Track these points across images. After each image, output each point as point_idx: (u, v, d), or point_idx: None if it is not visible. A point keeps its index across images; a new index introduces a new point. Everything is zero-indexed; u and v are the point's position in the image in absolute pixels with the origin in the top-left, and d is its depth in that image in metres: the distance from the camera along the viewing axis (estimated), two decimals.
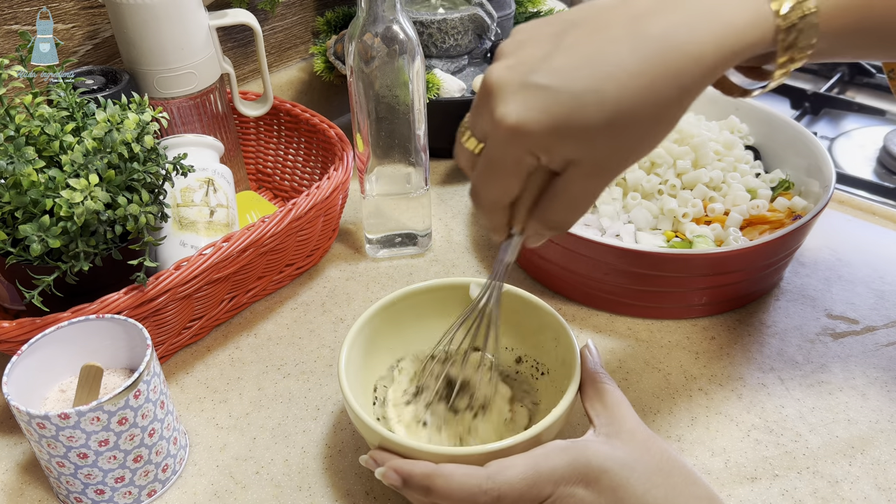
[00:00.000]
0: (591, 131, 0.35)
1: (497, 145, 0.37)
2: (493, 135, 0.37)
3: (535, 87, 0.35)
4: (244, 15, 0.70)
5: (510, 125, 0.35)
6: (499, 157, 0.38)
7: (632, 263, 0.60)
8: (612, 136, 0.35)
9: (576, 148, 0.36)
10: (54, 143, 0.53)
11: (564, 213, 0.39)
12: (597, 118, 0.35)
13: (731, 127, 0.75)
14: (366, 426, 0.45)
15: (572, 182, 0.37)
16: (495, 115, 0.36)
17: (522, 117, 0.35)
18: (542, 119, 0.35)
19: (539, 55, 0.36)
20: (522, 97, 0.35)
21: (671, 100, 0.35)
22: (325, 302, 0.68)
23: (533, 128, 0.35)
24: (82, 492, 0.49)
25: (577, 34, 0.36)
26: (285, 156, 0.81)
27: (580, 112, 0.35)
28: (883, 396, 0.57)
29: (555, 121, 0.35)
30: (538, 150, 0.36)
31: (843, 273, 0.69)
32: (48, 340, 0.50)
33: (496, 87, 0.36)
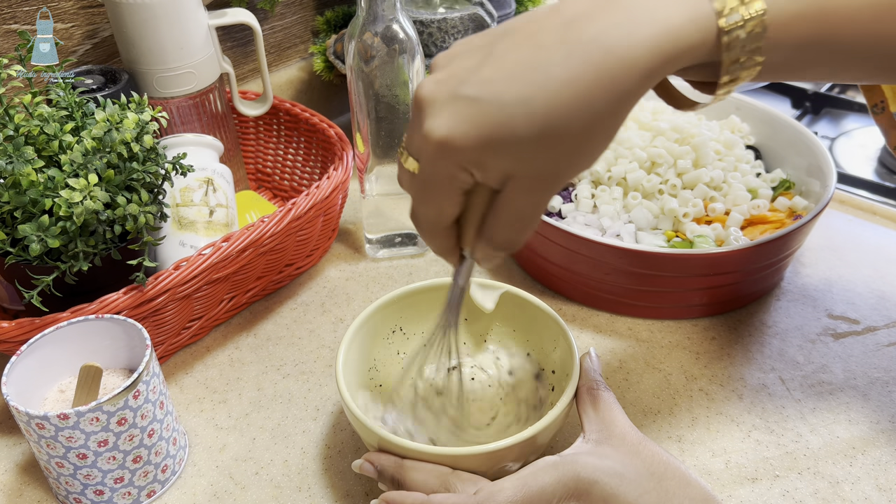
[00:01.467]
0: (523, 144, 0.33)
1: (428, 161, 0.36)
2: (424, 150, 0.35)
3: (463, 99, 0.34)
4: (244, 14, 0.70)
5: (437, 140, 0.34)
6: (431, 175, 0.36)
7: (632, 263, 0.60)
8: (545, 149, 0.34)
9: (508, 162, 0.34)
10: (53, 143, 0.53)
11: (509, 231, 0.38)
12: (527, 131, 0.33)
13: (731, 126, 0.75)
14: (364, 427, 0.45)
15: (511, 198, 0.36)
16: (424, 130, 0.35)
17: (450, 131, 0.34)
18: (470, 132, 0.33)
19: (469, 66, 0.35)
20: (450, 111, 0.34)
21: (605, 108, 0.33)
22: (325, 302, 0.68)
23: (461, 142, 0.34)
24: (81, 492, 0.49)
25: (507, 43, 0.34)
26: (285, 155, 0.81)
27: (509, 125, 0.33)
28: (884, 397, 0.57)
29: (483, 134, 0.33)
30: (469, 166, 0.35)
31: (844, 273, 0.69)
32: (47, 340, 0.50)
33: (425, 102, 0.35)
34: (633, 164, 0.69)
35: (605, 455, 0.43)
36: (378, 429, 0.45)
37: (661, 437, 0.54)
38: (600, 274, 0.62)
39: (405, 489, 0.43)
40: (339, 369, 0.49)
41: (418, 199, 0.38)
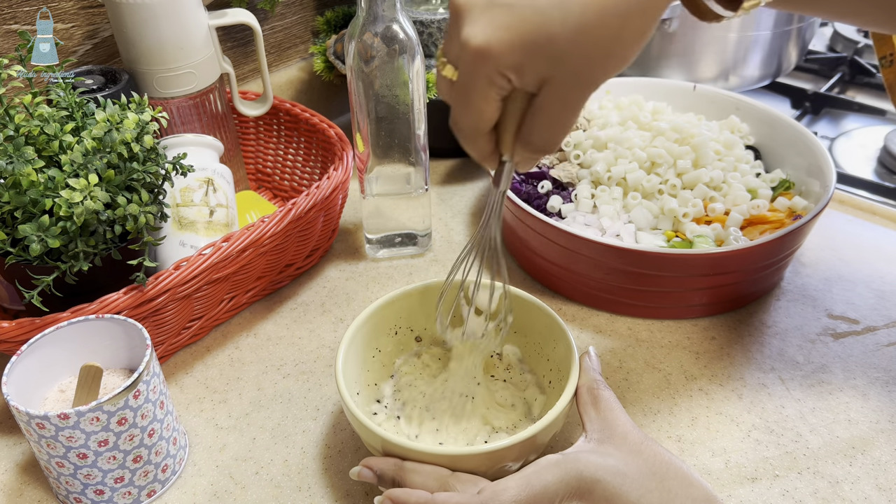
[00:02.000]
0: (559, 45, 0.34)
1: (466, 68, 0.37)
2: (462, 58, 0.36)
3: (499, 5, 0.35)
4: (244, 14, 0.70)
5: (476, 46, 0.35)
6: (470, 81, 0.37)
7: (632, 263, 0.60)
8: (581, 49, 0.34)
9: (545, 64, 0.35)
10: (54, 143, 0.53)
11: (546, 132, 0.38)
12: (562, 31, 0.34)
13: (731, 126, 0.75)
14: (365, 428, 0.45)
15: (549, 100, 0.37)
16: (461, 38, 0.36)
17: (487, 37, 0.35)
18: (507, 37, 0.34)
19: None
20: (487, 17, 0.35)
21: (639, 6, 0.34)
22: (325, 302, 0.68)
23: (498, 48, 0.35)
24: (82, 492, 0.49)
25: None
26: (285, 155, 0.81)
27: (545, 27, 0.34)
28: (883, 396, 0.57)
29: (520, 38, 0.34)
30: (507, 70, 0.36)
31: (844, 273, 0.69)
32: (48, 340, 0.50)
33: (462, 9, 0.36)
34: (632, 164, 0.69)
35: (607, 454, 0.43)
36: (378, 429, 0.45)
37: (661, 437, 0.54)
38: (600, 274, 0.62)
39: None
40: (339, 369, 0.49)
41: (458, 106, 0.39)
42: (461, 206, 0.80)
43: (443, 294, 0.51)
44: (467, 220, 0.78)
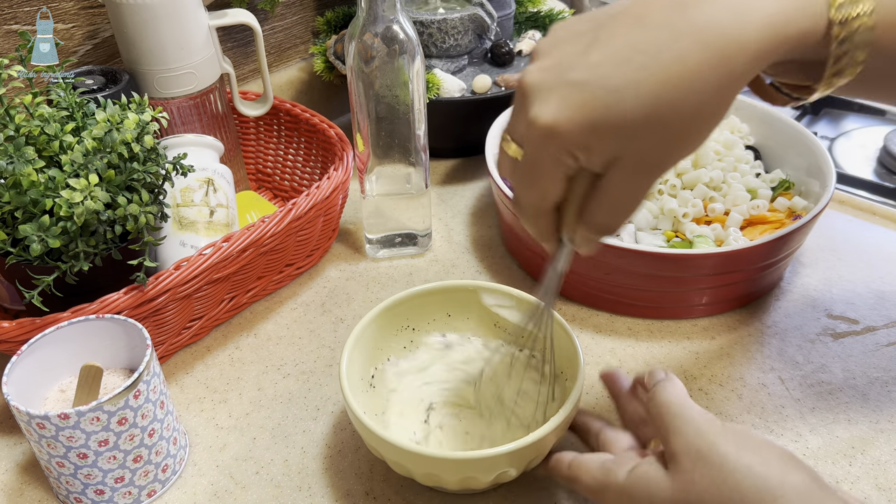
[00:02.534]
0: (630, 126, 0.33)
1: (533, 146, 0.36)
2: (529, 136, 0.36)
3: (570, 84, 0.34)
4: (244, 15, 0.70)
5: (544, 124, 0.34)
6: (536, 159, 0.36)
7: (632, 263, 0.60)
8: (652, 132, 0.34)
9: (615, 145, 0.34)
10: (54, 143, 0.53)
11: (609, 215, 0.38)
12: (635, 113, 0.33)
13: (731, 127, 0.75)
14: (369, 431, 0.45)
15: (614, 182, 0.36)
16: (529, 116, 0.35)
17: (557, 115, 0.34)
18: (576, 116, 0.34)
19: (575, 52, 0.35)
20: (557, 96, 0.34)
21: (715, 90, 0.33)
22: (325, 302, 0.68)
23: (568, 126, 0.34)
24: (82, 492, 0.49)
25: (613, 27, 0.35)
26: (285, 156, 0.81)
27: (617, 108, 0.33)
28: (883, 396, 0.57)
29: (590, 117, 0.33)
30: (575, 149, 0.35)
31: (844, 273, 0.69)
32: (48, 340, 0.50)
33: (531, 89, 0.35)
34: None
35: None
36: (382, 432, 0.45)
37: None
38: (600, 274, 0.62)
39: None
40: (343, 373, 0.49)
41: (522, 184, 0.38)
42: (461, 206, 0.80)
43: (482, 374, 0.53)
44: (467, 220, 0.78)
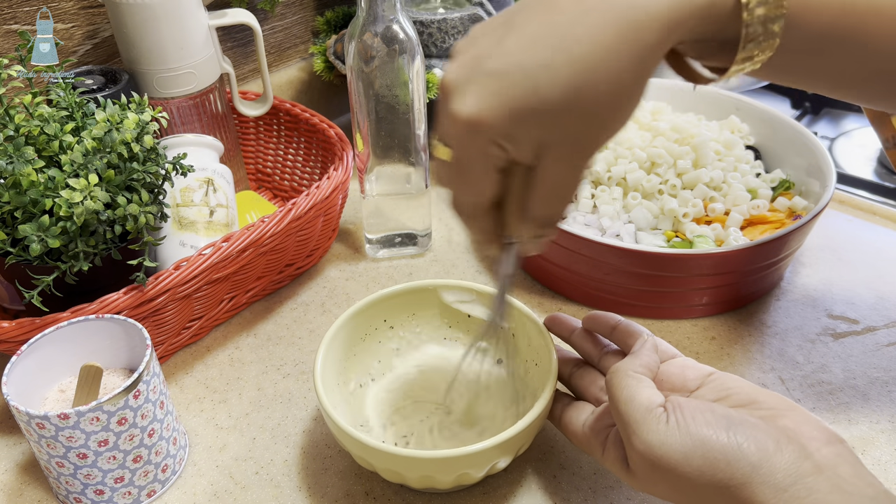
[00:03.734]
0: (551, 110, 0.33)
1: (459, 142, 0.35)
2: (454, 132, 0.35)
3: (486, 74, 0.34)
4: (244, 15, 0.70)
5: (465, 118, 0.34)
6: (464, 155, 0.36)
7: (632, 263, 0.60)
8: (574, 112, 0.33)
9: (539, 130, 0.34)
10: (54, 143, 0.53)
11: (548, 203, 0.37)
12: (553, 94, 0.33)
13: (731, 127, 0.75)
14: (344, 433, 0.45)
15: (547, 169, 0.36)
16: (451, 113, 0.34)
17: (477, 106, 0.33)
18: (496, 105, 0.33)
19: (490, 43, 0.34)
20: (475, 87, 0.34)
21: (630, 64, 0.33)
22: (325, 302, 0.68)
23: (489, 116, 0.33)
24: (82, 492, 0.49)
25: (525, 14, 0.34)
26: (285, 156, 0.81)
27: (535, 92, 0.33)
28: (883, 396, 0.57)
29: (510, 104, 0.33)
30: (501, 139, 0.34)
31: (844, 273, 0.69)
32: (48, 340, 0.50)
33: (450, 85, 0.35)
34: (632, 164, 0.69)
35: None
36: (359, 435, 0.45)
37: None
38: (600, 274, 0.62)
39: None
40: (318, 377, 0.49)
41: (455, 184, 0.38)
42: None
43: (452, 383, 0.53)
44: None
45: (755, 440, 0.37)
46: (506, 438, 0.44)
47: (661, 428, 0.38)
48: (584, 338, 0.51)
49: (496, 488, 0.51)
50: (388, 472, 0.46)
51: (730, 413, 0.39)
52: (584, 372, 0.50)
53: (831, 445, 0.37)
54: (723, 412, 0.39)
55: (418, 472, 0.45)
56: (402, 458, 0.44)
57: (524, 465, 0.52)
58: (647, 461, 0.38)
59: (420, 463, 0.44)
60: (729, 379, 0.43)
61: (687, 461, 0.37)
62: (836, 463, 0.36)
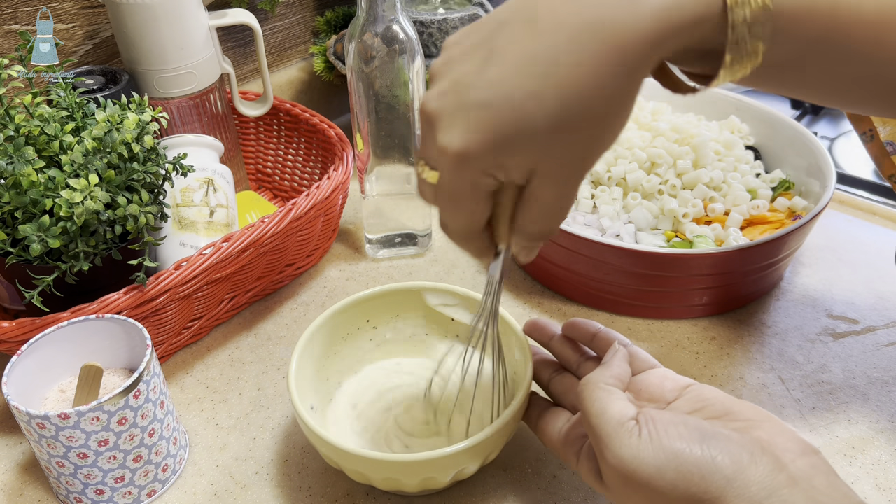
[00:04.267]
0: (540, 138, 0.33)
1: (449, 174, 0.35)
2: (443, 164, 0.35)
3: (472, 106, 0.33)
4: (244, 15, 0.70)
5: (455, 152, 0.33)
6: (454, 186, 0.35)
7: (632, 263, 0.60)
8: (563, 138, 0.33)
9: (529, 158, 0.34)
10: (54, 143, 0.53)
11: (541, 222, 0.37)
12: (543, 123, 0.32)
13: (731, 127, 0.75)
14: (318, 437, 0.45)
15: (539, 191, 0.35)
16: (439, 145, 0.34)
17: (466, 141, 0.33)
18: (486, 138, 0.33)
19: (471, 70, 0.34)
20: (462, 120, 0.33)
21: (617, 83, 0.33)
22: (325, 302, 0.68)
23: (478, 149, 0.33)
24: (82, 492, 0.49)
25: (507, 36, 0.34)
26: (285, 156, 0.81)
27: (524, 122, 0.32)
28: (883, 396, 0.57)
29: (499, 136, 0.33)
30: (492, 170, 0.34)
31: (844, 273, 0.69)
32: (48, 340, 0.50)
33: (433, 116, 0.34)
34: (632, 164, 0.69)
35: None
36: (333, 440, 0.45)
37: None
38: (600, 274, 0.62)
39: None
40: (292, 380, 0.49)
41: (446, 210, 0.38)
42: None
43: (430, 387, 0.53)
44: None
45: (729, 453, 0.36)
46: (471, 445, 0.43)
47: (633, 442, 0.38)
48: (563, 344, 0.51)
49: (496, 488, 0.51)
50: (354, 472, 0.46)
51: (703, 426, 0.38)
52: (562, 378, 0.50)
53: (806, 457, 0.37)
54: (696, 424, 0.38)
55: (382, 474, 0.45)
56: (365, 459, 0.44)
57: (524, 465, 0.52)
58: (620, 475, 0.38)
59: (383, 465, 0.44)
60: (706, 390, 0.43)
61: (660, 475, 0.36)
62: (811, 475, 0.36)
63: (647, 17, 0.32)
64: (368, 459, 0.44)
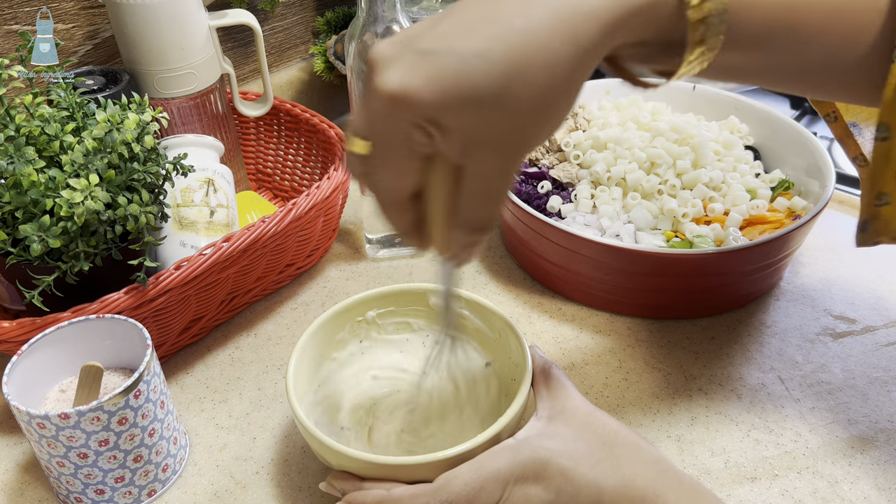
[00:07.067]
0: (481, 100, 0.32)
1: (380, 120, 0.33)
2: (375, 109, 0.33)
3: (417, 52, 0.32)
4: (244, 15, 0.70)
5: (390, 92, 0.32)
6: (384, 133, 0.33)
7: (632, 263, 0.60)
8: (505, 106, 0.32)
9: (467, 120, 0.32)
10: (54, 143, 0.53)
11: (479, 204, 0.36)
12: (485, 83, 0.31)
13: (730, 127, 0.75)
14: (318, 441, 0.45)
15: (476, 165, 0.34)
16: (375, 87, 0.32)
17: (403, 82, 0.32)
18: (424, 85, 0.31)
19: (424, 27, 0.33)
20: (403, 63, 0.32)
21: (566, 62, 0.32)
22: (325, 302, 0.68)
23: (415, 94, 0.31)
24: (82, 492, 0.49)
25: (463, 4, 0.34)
26: (285, 156, 0.81)
27: (467, 76, 0.31)
28: (883, 396, 0.57)
29: (439, 87, 0.31)
30: (425, 122, 0.32)
31: (843, 273, 0.69)
32: (48, 340, 0.50)
33: (377, 60, 0.33)
34: (632, 164, 0.69)
35: (556, 433, 0.44)
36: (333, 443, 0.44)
37: (661, 437, 0.54)
38: (600, 274, 0.63)
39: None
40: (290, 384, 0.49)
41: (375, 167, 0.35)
42: None
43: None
44: None
45: None
46: (469, 448, 0.43)
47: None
48: None
49: None
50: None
51: None
52: None
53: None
54: None
55: (373, 474, 0.45)
56: (362, 462, 0.44)
57: None
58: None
59: (380, 468, 0.44)
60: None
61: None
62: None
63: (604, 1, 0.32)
64: (364, 462, 0.44)
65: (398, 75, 0.32)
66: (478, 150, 0.33)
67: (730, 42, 0.36)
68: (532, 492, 0.42)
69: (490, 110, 0.32)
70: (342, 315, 0.55)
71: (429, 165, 0.35)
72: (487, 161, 0.34)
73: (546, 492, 0.42)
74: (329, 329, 0.55)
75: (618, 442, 0.43)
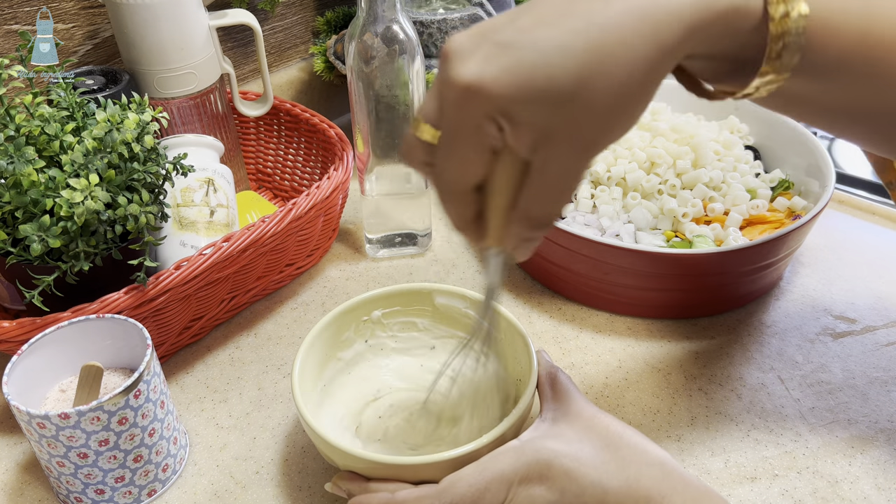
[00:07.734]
0: (558, 94, 0.31)
1: (453, 109, 0.33)
2: (448, 99, 0.33)
3: (495, 44, 0.32)
4: (244, 15, 0.70)
5: (465, 83, 0.31)
6: (456, 123, 0.33)
7: (632, 263, 0.60)
8: (581, 101, 0.31)
9: (542, 115, 0.32)
10: (54, 143, 0.53)
11: (544, 201, 0.35)
12: (562, 77, 0.31)
13: (730, 127, 0.75)
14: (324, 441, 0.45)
15: (546, 161, 0.33)
16: (450, 77, 0.32)
17: (479, 73, 0.31)
18: (500, 76, 0.31)
19: (503, 21, 0.33)
20: (480, 55, 0.32)
21: (646, 59, 0.32)
22: (325, 302, 0.68)
23: (491, 85, 0.31)
24: (82, 491, 0.49)
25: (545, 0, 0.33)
26: (285, 156, 0.81)
27: (544, 70, 0.31)
28: (882, 396, 0.57)
29: (516, 80, 0.31)
30: (499, 115, 0.32)
31: (843, 273, 0.69)
32: (48, 340, 0.50)
33: (453, 52, 0.32)
34: (632, 164, 0.69)
35: (560, 434, 0.44)
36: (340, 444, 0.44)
37: (661, 437, 0.54)
38: (600, 274, 0.63)
39: None
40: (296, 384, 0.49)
41: (441, 156, 0.35)
42: None
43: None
44: None
45: None
46: (474, 449, 0.43)
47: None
48: None
49: None
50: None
51: None
52: None
53: None
54: None
55: (383, 476, 0.45)
56: (367, 461, 0.44)
57: None
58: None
59: (385, 468, 0.44)
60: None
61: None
62: None
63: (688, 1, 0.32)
64: (371, 462, 0.44)
65: (475, 66, 0.32)
66: (549, 145, 0.33)
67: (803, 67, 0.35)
68: (536, 492, 0.41)
69: (565, 106, 0.32)
70: (348, 314, 0.55)
71: (494, 158, 0.35)
72: (557, 158, 0.33)
73: (550, 492, 0.41)
74: (334, 329, 0.54)
75: (623, 443, 0.43)
